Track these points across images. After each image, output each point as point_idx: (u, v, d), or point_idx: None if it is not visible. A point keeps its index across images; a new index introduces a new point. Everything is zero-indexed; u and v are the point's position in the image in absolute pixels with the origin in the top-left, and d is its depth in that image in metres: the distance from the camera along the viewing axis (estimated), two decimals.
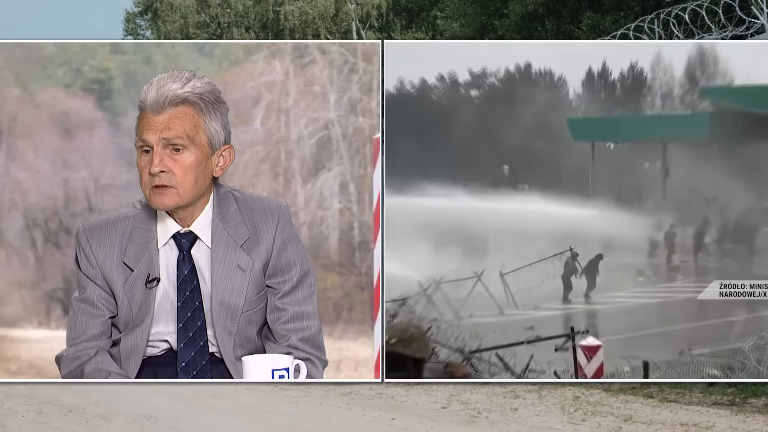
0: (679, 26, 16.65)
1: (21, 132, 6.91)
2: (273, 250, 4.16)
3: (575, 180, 8.50)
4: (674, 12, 16.65)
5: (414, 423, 9.86)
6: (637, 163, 8.84)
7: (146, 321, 4.09)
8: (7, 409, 10.74)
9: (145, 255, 4.09)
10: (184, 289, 4.11)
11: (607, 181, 8.62)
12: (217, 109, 4.07)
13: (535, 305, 7.93)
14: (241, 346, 4.16)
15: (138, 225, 4.13)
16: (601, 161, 8.68)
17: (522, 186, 8.24)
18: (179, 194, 4.00)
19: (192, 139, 3.99)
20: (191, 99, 4.00)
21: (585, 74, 8.31)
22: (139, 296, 4.09)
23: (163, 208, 4.05)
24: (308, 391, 11.44)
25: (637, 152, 8.86)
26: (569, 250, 7.93)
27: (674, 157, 8.65)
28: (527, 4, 22.58)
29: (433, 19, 30.57)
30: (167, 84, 4.00)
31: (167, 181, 3.97)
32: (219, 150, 4.09)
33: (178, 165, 3.98)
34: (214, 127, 4.05)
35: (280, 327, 4.18)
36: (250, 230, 4.15)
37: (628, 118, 8.82)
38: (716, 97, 8.35)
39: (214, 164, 4.08)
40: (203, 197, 4.11)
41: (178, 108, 3.99)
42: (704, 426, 9.30)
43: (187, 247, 4.11)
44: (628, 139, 8.88)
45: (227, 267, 4.11)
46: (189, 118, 4.00)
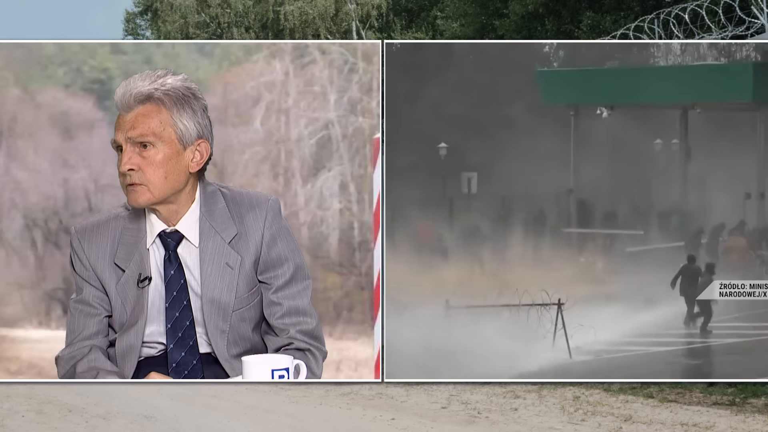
0: (679, 26, 16.64)
1: (21, 132, 6.91)
2: (262, 245, 4.14)
3: (541, 165, 6.88)
4: (674, 12, 16.64)
5: (414, 423, 9.85)
6: (644, 140, 7.26)
7: (140, 321, 4.08)
8: (7, 409, 10.74)
9: (135, 255, 4.09)
10: (171, 289, 4.09)
11: (595, 169, 7.02)
12: (187, 105, 4.04)
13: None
14: (236, 344, 4.15)
15: (128, 225, 4.13)
16: (587, 135, 6.95)
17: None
18: (150, 191, 3.99)
19: (158, 135, 3.98)
20: (156, 95, 3.99)
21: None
22: (132, 296, 4.09)
23: (138, 206, 4.05)
24: (308, 391, 11.44)
25: (643, 123, 7.08)
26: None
27: (699, 130, 6.89)
28: (527, 4, 22.56)
29: (433, 19, 30.55)
30: (135, 83, 4.01)
31: (137, 179, 3.97)
32: (192, 145, 4.06)
33: (146, 162, 3.98)
34: (183, 122, 4.02)
35: (278, 321, 4.18)
36: (238, 227, 4.13)
37: (629, 71, 6.80)
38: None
39: (188, 159, 4.06)
40: (183, 194, 4.08)
41: (144, 106, 3.99)
42: (704, 426, 9.30)
43: (173, 246, 4.10)
44: (628, 103, 6.96)
45: (216, 265, 4.10)
46: (154, 115, 3.99)
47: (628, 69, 6.64)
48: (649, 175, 7.32)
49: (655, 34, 17.21)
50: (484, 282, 7.64)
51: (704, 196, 7.26)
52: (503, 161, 6.86)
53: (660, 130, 6.89)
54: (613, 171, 7.29)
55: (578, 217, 7.49)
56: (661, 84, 6.45)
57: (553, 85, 6.49)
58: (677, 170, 7.11)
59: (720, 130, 6.75)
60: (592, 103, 6.82)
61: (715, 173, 7.00)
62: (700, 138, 6.83)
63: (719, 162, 6.84)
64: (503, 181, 7.07)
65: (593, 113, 6.90)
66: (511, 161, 6.91)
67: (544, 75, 6.47)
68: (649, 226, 7.51)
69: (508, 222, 7.58)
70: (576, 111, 6.61)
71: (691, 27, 16.46)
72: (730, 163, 6.84)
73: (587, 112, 6.77)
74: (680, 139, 6.81)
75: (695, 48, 6.52)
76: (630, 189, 7.40)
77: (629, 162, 7.15)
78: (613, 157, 7.22)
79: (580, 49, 6.45)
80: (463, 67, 6.60)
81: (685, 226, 7.42)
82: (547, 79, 6.42)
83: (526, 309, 7.27)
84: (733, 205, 7.04)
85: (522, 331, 7.34)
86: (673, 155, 6.99)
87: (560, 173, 7.33)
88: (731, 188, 7.06)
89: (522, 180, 7.09)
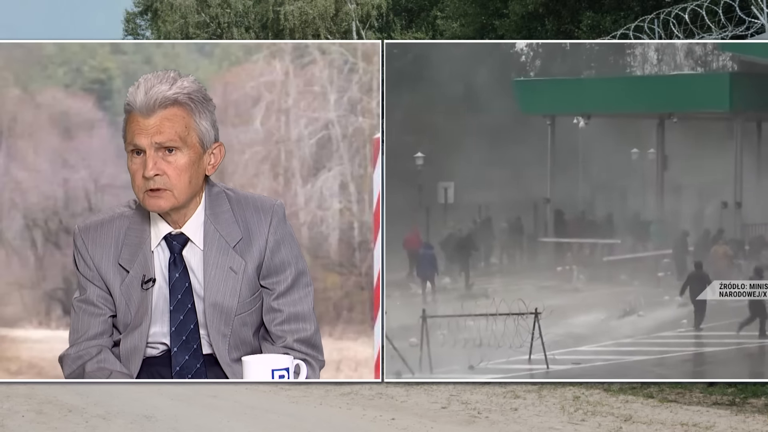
0: (679, 26, 16.64)
1: (21, 132, 6.91)
2: (266, 250, 4.12)
3: (520, 178, 6.89)
4: (674, 12, 16.64)
5: (414, 423, 9.85)
6: (621, 149, 7.24)
7: (145, 322, 4.07)
8: (7, 409, 10.74)
9: (140, 256, 4.07)
10: (175, 292, 4.07)
11: (570, 180, 7.06)
12: (205, 108, 4.03)
13: None
14: (237, 348, 4.13)
15: (132, 225, 4.11)
16: (564, 144, 6.94)
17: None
18: (175, 196, 3.97)
19: (184, 140, 3.96)
20: (181, 100, 3.96)
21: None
22: (136, 297, 4.07)
23: (159, 211, 4.02)
24: (308, 391, 11.44)
25: (620, 133, 7.05)
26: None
27: (677, 139, 6.96)
28: (527, 4, 22.56)
29: (433, 19, 30.55)
30: (155, 86, 3.95)
31: (162, 184, 3.94)
32: (210, 148, 4.07)
33: (172, 167, 3.95)
34: (204, 125, 4.02)
35: (276, 328, 4.15)
36: (243, 231, 4.11)
37: (606, 81, 6.76)
38: (742, 49, 6.33)
39: (206, 163, 4.06)
40: (196, 198, 4.08)
41: (168, 110, 3.94)
42: (704, 426, 9.30)
43: (179, 249, 4.08)
44: (605, 113, 6.92)
45: (219, 269, 4.07)
46: (180, 120, 3.96)
47: (605, 79, 6.61)
48: (626, 185, 7.31)
49: (655, 34, 17.20)
50: (460, 291, 7.65)
51: (681, 205, 7.25)
52: (480, 171, 6.91)
53: (637, 139, 6.87)
54: (590, 180, 7.28)
55: (555, 226, 7.49)
56: (637, 94, 6.40)
57: (530, 95, 6.44)
58: (654, 179, 7.09)
59: (697, 140, 6.75)
60: (568, 113, 6.76)
61: (692, 182, 7.00)
62: (676, 147, 6.82)
63: (696, 171, 6.85)
64: (480, 191, 7.10)
65: (570, 123, 6.84)
66: (488, 171, 6.96)
67: (520, 85, 6.44)
68: (626, 235, 7.52)
69: (484, 231, 7.59)
70: (553, 121, 6.54)
71: (691, 27, 16.45)
72: (707, 172, 6.85)
73: (564, 122, 6.71)
74: (657, 149, 6.77)
75: (672, 57, 6.46)
76: (607, 198, 7.40)
77: (606, 171, 7.17)
78: (590, 166, 7.22)
79: (557, 58, 6.41)
80: (440, 75, 6.64)
81: (662, 234, 7.41)
82: (524, 88, 6.38)
83: (502, 318, 7.25)
84: (710, 214, 7.08)
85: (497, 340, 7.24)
86: (649, 165, 6.95)
87: (537, 183, 7.30)
88: (708, 197, 7.07)
89: (499, 189, 7.12)
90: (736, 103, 6.53)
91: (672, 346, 7.25)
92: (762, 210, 7.04)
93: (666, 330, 7.30)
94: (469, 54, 6.56)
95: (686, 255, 7.36)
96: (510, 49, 6.46)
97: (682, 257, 7.48)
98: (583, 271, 7.64)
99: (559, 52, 6.50)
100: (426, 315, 7.38)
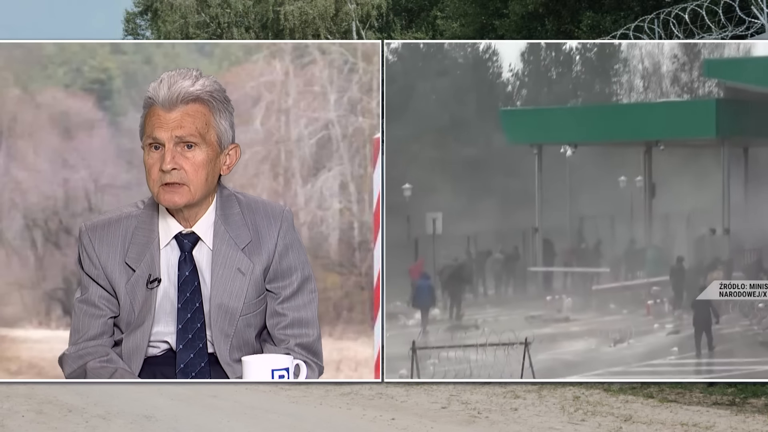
0: (679, 26, 16.64)
1: (21, 132, 6.91)
2: (274, 254, 4.15)
3: (508, 207, 6.79)
4: (674, 12, 16.64)
5: (414, 423, 9.85)
6: (608, 177, 7.17)
7: (147, 321, 4.08)
8: (7, 409, 10.74)
9: (147, 255, 4.08)
10: (184, 290, 4.09)
11: (558, 209, 6.91)
12: (225, 108, 4.08)
13: None
14: (239, 349, 4.15)
15: (140, 225, 4.12)
16: (551, 174, 6.86)
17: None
18: (191, 192, 4.00)
19: (203, 136, 4.00)
20: (203, 97, 4.00)
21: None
22: (140, 297, 4.08)
23: (173, 206, 4.04)
24: (308, 391, 11.44)
25: (607, 161, 7.00)
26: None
27: (664, 167, 6.92)
28: (527, 4, 22.56)
29: (433, 19, 30.56)
30: (178, 81, 3.99)
31: (178, 178, 3.96)
32: (227, 149, 4.10)
33: (190, 162, 3.98)
34: (223, 125, 4.06)
35: (279, 332, 4.17)
36: (252, 234, 4.14)
37: (592, 109, 6.79)
38: (728, 76, 6.31)
39: (221, 163, 4.09)
40: (209, 197, 4.11)
41: (189, 105, 3.98)
42: (704, 426, 9.30)
43: (189, 247, 4.10)
44: (592, 141, 6.91)
45: (227, 270, 4.10)
46: (201, 116, 4.00)
47: (591, 107, 6.62)
48: (614, 213, 7.27)
49: (655, 34, 17.21)
50: (450, 322, 7.63)
51: (669, 232, 7.22)
52: (468, 201, 6.92)
53: (624, 167, 6.85)
54: (578, 209, 7.25)
55: (544, 255, 7.49)
56: (624, 121, 6.40)
57: (517, 125, 6.41)
58: (642, 207, 7.06)
59: (684, 167, 6.74)
60: (555, 142, 6.73)
61: (680, 209, 6.98)
62: (664, 175, 6.80)
63: (684, 198, 6.83)
64: (469, 221, 7.11)
65: (557, 152, 6.80)
66: (476, 201, 6.98)
67: (507, 115, 6.41)
68: (614, 263, 7.51)
69: (473, 262, 7.58)
70: (540, 150, 6.51)
71: (691, 27, 16.46)
72: (695, 199, 6.84)
73: (551, 151, 6.68)
74: (644, 176, 6.74)
75: (658, 85, 6.48)
76: (595, 227, 7.37)
77: (594, 200, 7.13)
78: (578, 195, 7.19)
79: (543, 87, 6.42)
80: (426, 106, 6.67)
81: (658, 262, 7.37)
82: (511, 118, 6.36)
83: (492, 349, 7.23)
84: (699, 241, 7.10)
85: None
86: (637, 192, 6.91)
87: (525, 212, 7.28)
88: (696, 224, 7.05)
89: (487, 220, 7.12)
90: (723, 129, 6.58)
91: (662, 375, 7.22)
92: (751, 235, 7.01)
93: (657, 358, 7.31)
94: (455, 84, 6.59)
95: (683, 281, 7.36)
96: (496, 79, 6.47)
97: (679, 284, 7.47)
98: (573, 300, 7.65)
99: (545, 81, 6.51)
100: (416, 347, 7.36)
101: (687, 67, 6.68)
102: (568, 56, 6.28)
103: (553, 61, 6.28)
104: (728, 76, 6.43)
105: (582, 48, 6.28)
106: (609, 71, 6.61)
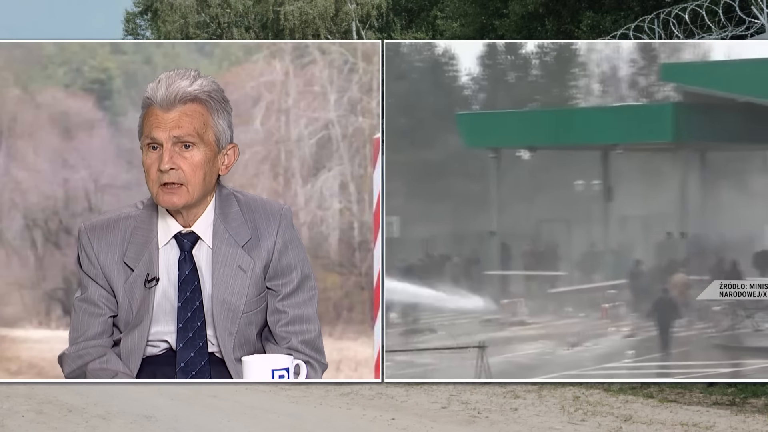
0: (679, 26, 16.64)
1: (21, 132, 6.91)
2: (274, 252, 4.16)
3: (465, 211, 6.76)
4: (674, 12, 16.64)
5: (414, 423, 9.85)
6: (565, 181, 7.11)
7: (145, 321, 4.09)
8: (7, 409, 10.74)
9: (145, 255, 4.09)
10: (184, 290, 4.10)
11: (516, 213, 6.86)
12: (223, 108, 4.09)
13: None
14: (241, 347, 4.16)
15: (139, 225, 4.13)
16: (509, 177, 6.75)
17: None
18: (189, 192, 4.01)
19: (201, 136, 4.01)
20: (201, 97, 4.01)
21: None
22: (138, 296, 4.09)
23: (172, 207, 4.04)
24: (308, 391, 11.44)
25: (565, 164, 6.96)
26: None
27: (621, 170, 6.87)
28: (527, 4, 22.55)
29: (433, 19, 30.55)
30: (176, 81, 4.00)
31: (176, 178, 3.97)
32: (225, 149, 4.10)
33: (188, 162, 3.99)
34: (221, 125, 4.07)
35: (280, 329, 4.18)
36: (252, 232, 4.15)
37: (550, 113, 6.71)
38: (685, 80, 6.29)
39: (220, 163, 4.09)
40: (207, 197, 4.12)
41: (187, 105, 3.99)
42: (704, 426, 9.29)
43: (189, 247, 4.11)
44: (549, 145, 6.86)
45: (228, 267, 4.11)
46: (198, 116, 4.01)
47: (549, 111, 6.56)
48: (571, 216, 7.25)
49: (655, 34, 17.21)
50: (408, 326, 7.60)
51: (626, 236, 7.19)
52: (426, 205, 6.91)
53: (581, 171, 6.82)
54: (535, 212, 7.22)
55: (501, 259, 7.47)
56: (581, 125, 6.37)
57: (474, 129, 6.35)
58: (599, 211, 7.04)
59: (641, 170, 6.74)
60: (513, 146, 6.71)
61: (637, 213, 6.98)
62: (621, 178, 6.78)
63: (641, 202, 6.82)
64: (426, 225, 7.08)
65: (514, 155, 6.78)
66: (433, 205, 6.97)
67: (464, 118, 6.35)
68: (571, 266, 7.48)
69: (430, 265, 7.54)
70: (497, 153, 6.49)
71: (691, 27, 16.46)
72: (652, 202, 6.84)
73: (508, 155, 6.66)
74: (602, 180, 6.72)
75: (615, 89, 6.49)
76: (552, 230, 7.35)
77: (551, 203, 7.10)
78: (535, 198, 7.17)
79: (501, 90, 6.45)
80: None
81: (615, 265, 7.34)
82: (468, 122, 6.30)
83: (448, 353, 7.20)
84: (656, 244, 7.09)
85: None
86: (594, 196, 6.89)
87: (483, 216, 7.24)
88: (653, 227, 7.04)
89: (445, 223, 7.09)
90: (680, 133, 6.62)
91: (617, 377, 7.19)
92: (707, 239, 6.96)
93: (613, 361, 7.28)
94: (412, 88, 6.59)
95: (641, 284, 7.33)
96: (453, 83, 6.47)
97: (636, 286, 7.43)
98: (529, 303, 7.62)
99: (503, 85, 6.52)
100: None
101: (644, 71, 6.65)
102: (525, 60, 6.18)
103: (511, 64, 6.21)
104: (684, 79, 6.43)
105: (540, 51, 6.24)
106: (566, 75, 6.56)
